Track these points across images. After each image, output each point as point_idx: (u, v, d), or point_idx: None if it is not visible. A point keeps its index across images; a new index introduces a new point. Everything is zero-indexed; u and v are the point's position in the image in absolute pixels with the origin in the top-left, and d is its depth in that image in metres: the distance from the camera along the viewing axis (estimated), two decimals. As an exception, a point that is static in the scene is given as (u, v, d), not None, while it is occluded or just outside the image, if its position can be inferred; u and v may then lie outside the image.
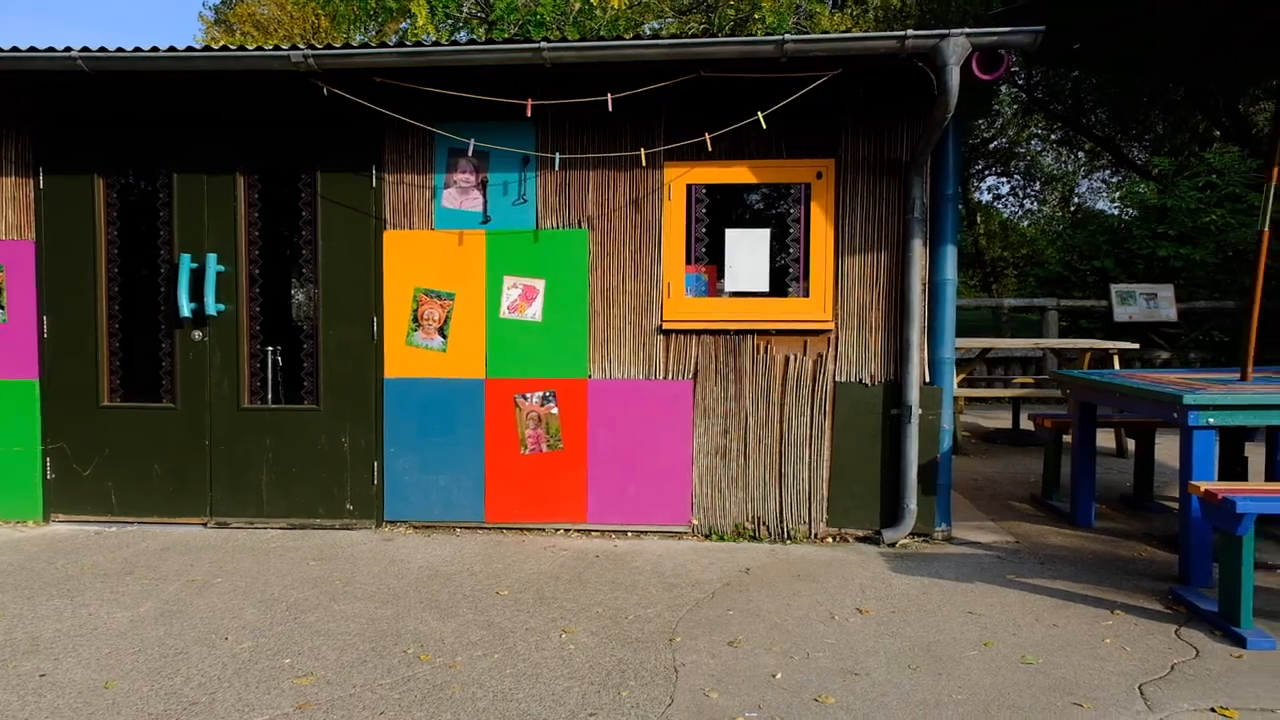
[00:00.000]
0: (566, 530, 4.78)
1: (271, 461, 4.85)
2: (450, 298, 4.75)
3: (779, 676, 3.02)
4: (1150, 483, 5.41)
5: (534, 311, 4.73)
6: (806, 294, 4.64)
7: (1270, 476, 4.93)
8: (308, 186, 4.80)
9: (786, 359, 4.66)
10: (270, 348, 5.07)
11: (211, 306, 4.76)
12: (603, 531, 4.76)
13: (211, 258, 4.78)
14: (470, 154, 4.59)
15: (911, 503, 4.55)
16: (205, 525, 4.88)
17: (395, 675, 3.02)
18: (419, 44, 4.16)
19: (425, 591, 3.85)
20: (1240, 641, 3.25)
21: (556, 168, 4.58)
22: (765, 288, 4.68)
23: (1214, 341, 9.80)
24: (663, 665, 3.10)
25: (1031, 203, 28.64)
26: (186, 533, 4.78)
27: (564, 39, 4.20)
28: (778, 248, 4.77)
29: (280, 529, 4.83)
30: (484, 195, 4.72)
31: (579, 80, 4.45)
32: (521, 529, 4.79)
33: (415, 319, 4.76)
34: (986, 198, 28.25)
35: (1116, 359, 7.15)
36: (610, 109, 4.24)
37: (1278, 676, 3.00)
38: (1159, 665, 3.10)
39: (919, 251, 4.49)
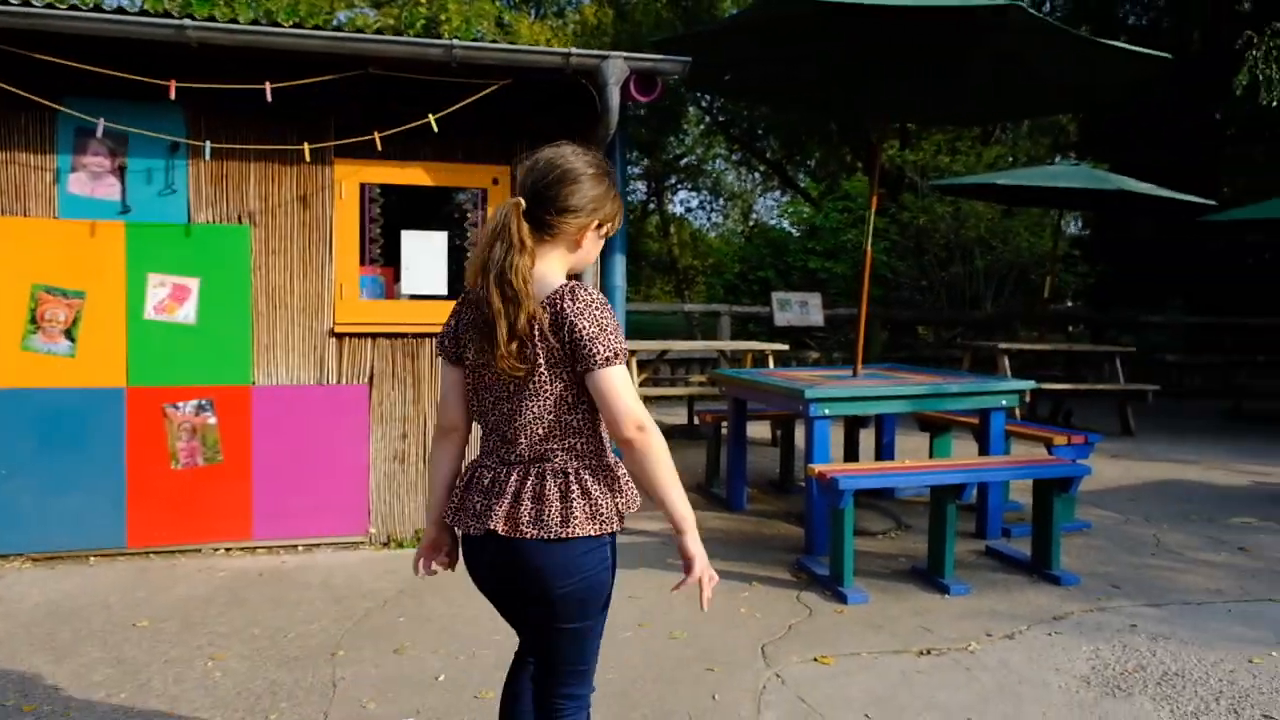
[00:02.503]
0: (228, 549, 4.41)
1: None
2: (80, 296, 4.18)
3: (442, 678, 3.04)
4: (791, 468, 6.19)
5: (186, 313, 4.31)
6: (485, 298, 4.70)
7: (879, 458, 5.86)
8: (-121, 159, 3.97)
9: (466, 362, 4.69)
10: None
11: None
12: (270, 548, 4.46)
13: None
14: (100, 135, 4.07)
15: (587, 497, 4.79)
16: None
17: (-13, 734, 2.61)
18: (28, 3, 3.61)
19: (39, 633, 3.36)
20: (844, 599, 3.84)
21: (208, 157, 4.21)
22: (444, 291, 4.67)
23: (852, 342, 11.45)
24: (321, 681, 2.99)
25: (718, 216, 31.38)
26: None
27: (212, 18, 3.87)
28: (456, 251, 4.78)
29: None
30: (122, 182, 4.21)
31: (237, 65, 4.12)
32: (174, 551, 4.34)
33: (33, 320, 4.13)
34: (679, 210, 30.45)
35: (771, 359, 8.06)
36: (270, 99, 3.99)
37: (868, 626, 3.58)
38: (780, 626, 3.56)
39: (591, 259, 4.74)
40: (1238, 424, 9.47)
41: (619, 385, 1.70)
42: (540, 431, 1.76)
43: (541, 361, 1.73)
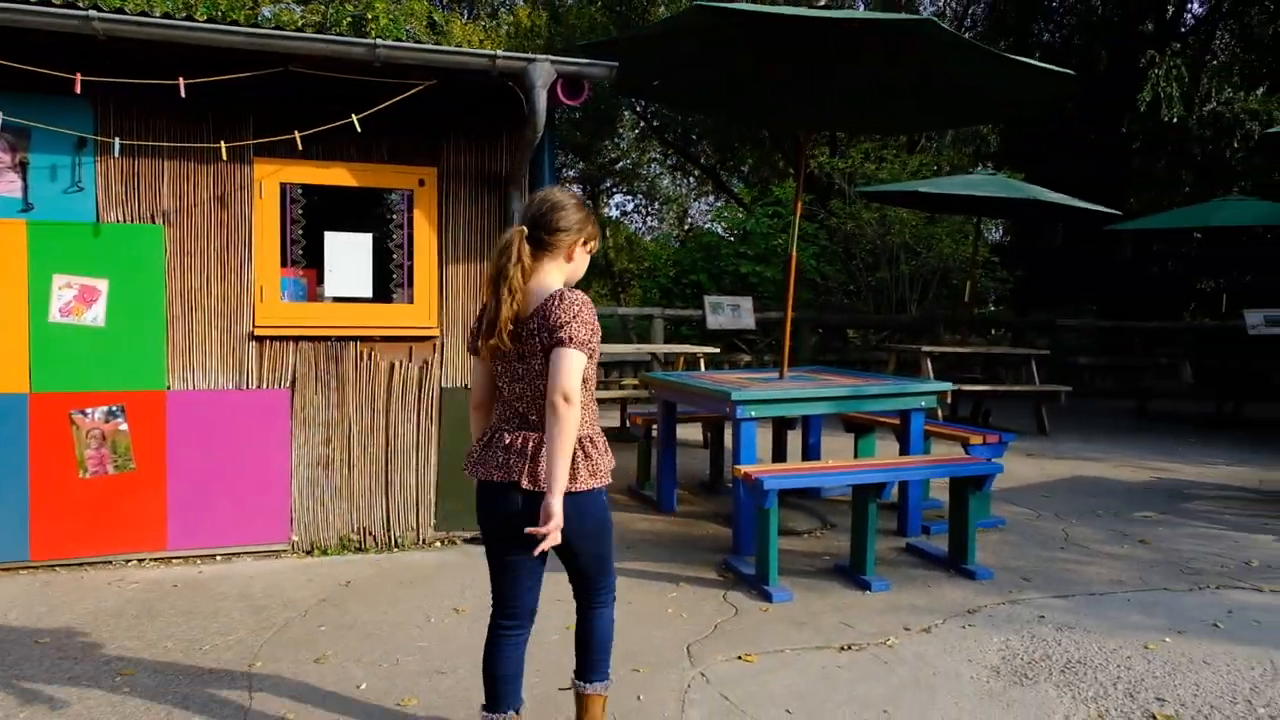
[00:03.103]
0: (141, 561, 4.26)
1: None
2: (-22, 297, 3.98)
3: (363, 687, 2.99)
4: (721, 469, 6.27)
5: (95, 315, 4.15)
6: (411, 300, 4.65)
7: (806, 458, 5.98)
8: None
9: (392, 366, 4.63)
10: None
11: None
12: (187, 558, 4.32)
13: None
14: None
15: (516, 501, 4.77)
16: None
17: None
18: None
19: (-68, 652, 3.19)
20: (769, 598, 3.90)
21: (117, 154, 4.06)
22: (369, 293, 4.60)
23: (781, 346, 11.65)
24: (235, 695, 2.91)
25: (654, 220, 31.54)
26: None
27: (121, 10, 3.74)
28: (383, 253, 4.71)
29: None
30: (24, 179, 4.03)
31: (152, 60, 3.98)
32: (82, 564, 4.17)
33: (-74, 322, 3.92)
34: (615, 213, 30.51)
35: (703, 362, 8.15)
36: (184, 95, 3.87)
37: (792, 623, 3.66)
38: (706, 626, 3.61)
39: (519, 262, 4.72)
40: (1143, 423, 9.95)
41: (569, 364, 2.19)
42: (545, 407, 2.22)
43: (540, 351, 2.24)
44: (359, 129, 4.12)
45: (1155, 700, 2.97)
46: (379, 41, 3.87)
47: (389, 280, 4.74)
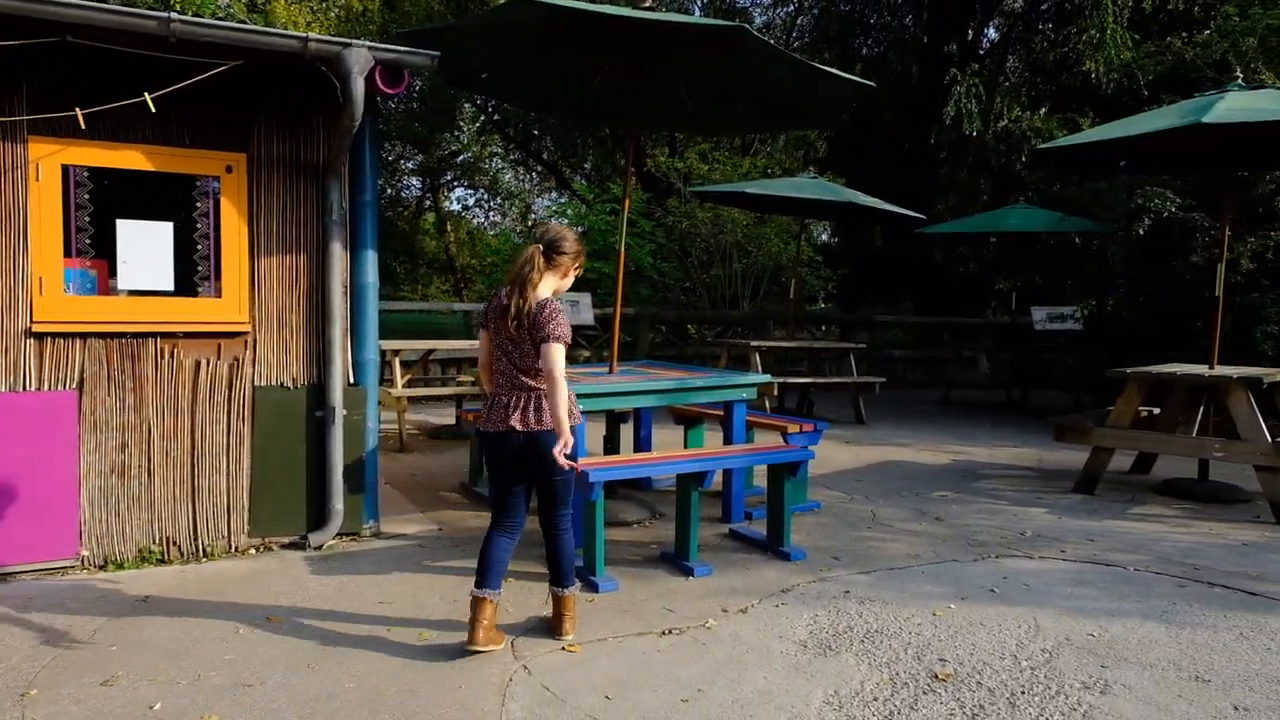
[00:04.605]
0: (-106, 586, 3.78)
1: None
2: None
3: (157, 707, 2.80)
4: (556, 463, 6.28)
5: None
6: (219, 294, 4.37)
7: (637, 450, 6.11)
8: None
9: (198, 364, 4.34)
10: None
11: None
12: (-49, 580, 3.87)
13: None
14: None
15: (338, 504, 4.60)
16: None
17: None
18: None
19: None
20: (595, 588, 3.97)
21: None
22: (170, 286, 4.28)
23: (621, 342, 11.83)
24: (5, 726, 2.65)
25: (496, 215, 31.12)
26: None
27: None
28: (188, 244, 4.40)
29: None
30: None
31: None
32: None
33: None
34: (456, 208, 29.87)
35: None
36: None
37: (616, 611, 3.73)
38: (533, 619, 3.62)
39: (339, 254, 4.55)
40: (947, 411, 10.84)
41: (553, 354, 3.15)
42: (530, 373, 3.24)
43: (529, 341, 3.20)
44: (153, 109, 3.83)
45: (938, 661, 3.26)
46: (174, 16, 3.61)
47: (194, 272, 4.43)
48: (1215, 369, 6.07)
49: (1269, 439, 5.44)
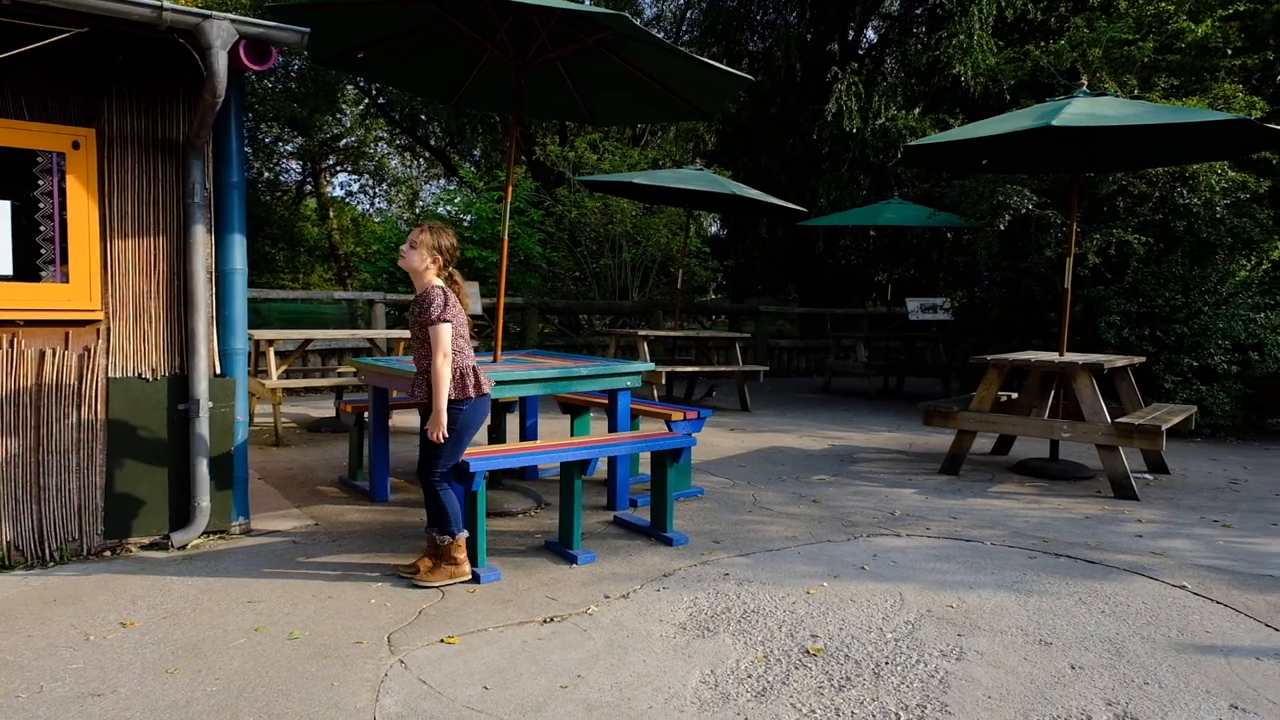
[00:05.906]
0: None
1: None
2: None
3: (-7, 722, 2.60)
4: (440, 455, 6.17)
5: None
6: (66, 279, 4.08)
7: (523, 439, 6.07)
8: None
9: (43, 354, 4.03)
10: None
11: None
12: None
13: None
14: None
15: (204, 501, 4.38)
16: None
17: None
18: None
19: None
20: (476, 579, 3.92)
21: None
22: (8, 270, 3.96)
23: (510, 331, 11.71)
24: None
25: (382, 202, 30.19)
26: None
27: None
28: (28, 225, 4.07)
29: None
30: None
31: None
32: None
33: None
34: (339, 193, 28.82)
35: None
36: None
37: (498, 602, 3.71)
38: (411, 613, 3.55)
39: (202, 238, 4.32)
40: (828, 398, 11.25)
41: (438, 335, 3.68)
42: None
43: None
44: (-14, 77, 3.52)
45: (810, 637, 3.39)
46: (9, -24, 3.33)
47: (37, 256, 4.11)
48: (1065, 355, 6.53)
49: (1109, 420, 5.89)
